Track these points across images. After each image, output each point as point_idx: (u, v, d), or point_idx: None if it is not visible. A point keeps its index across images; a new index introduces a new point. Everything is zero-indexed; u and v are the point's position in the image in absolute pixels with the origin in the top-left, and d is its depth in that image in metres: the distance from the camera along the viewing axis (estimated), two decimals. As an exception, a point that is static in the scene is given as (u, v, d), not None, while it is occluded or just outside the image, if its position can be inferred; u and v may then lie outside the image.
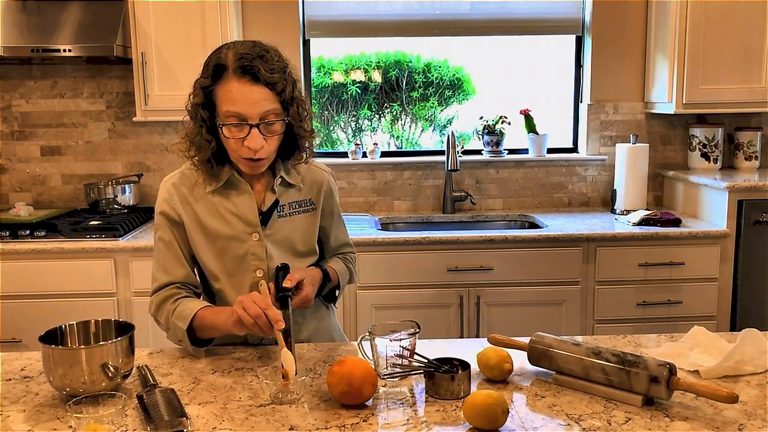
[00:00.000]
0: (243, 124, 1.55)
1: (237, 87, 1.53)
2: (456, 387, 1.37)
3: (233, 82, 1.54)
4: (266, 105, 1.55)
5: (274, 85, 1.55)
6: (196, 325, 1.61)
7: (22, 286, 2.93)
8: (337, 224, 1.86)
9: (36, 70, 3.51)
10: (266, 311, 1.45)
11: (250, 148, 1.56)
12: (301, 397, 1.39)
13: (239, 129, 1.56)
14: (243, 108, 1.53)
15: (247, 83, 1.53)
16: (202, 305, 1.64)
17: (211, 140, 1.61)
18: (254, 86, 1.53)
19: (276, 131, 1.59)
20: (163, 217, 1.69)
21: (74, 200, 3.60)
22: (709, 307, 3.12)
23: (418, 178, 3.67)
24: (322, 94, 3.83)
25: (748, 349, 1.48)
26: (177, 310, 1.63)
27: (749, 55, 3.26)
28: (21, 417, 1.33)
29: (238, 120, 1.55)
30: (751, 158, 3.56)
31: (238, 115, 1.54)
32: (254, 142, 1.55)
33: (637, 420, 1.27)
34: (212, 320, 1.59)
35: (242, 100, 1.53)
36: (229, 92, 1.54)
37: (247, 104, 1.53)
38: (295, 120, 1.62)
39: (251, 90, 1.53)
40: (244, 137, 1.55)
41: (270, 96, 1.55)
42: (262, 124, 1.55)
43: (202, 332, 1.62)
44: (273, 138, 1.59)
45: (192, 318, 1.60)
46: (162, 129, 3.57)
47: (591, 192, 3.72)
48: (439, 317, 3.07)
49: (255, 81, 1.53)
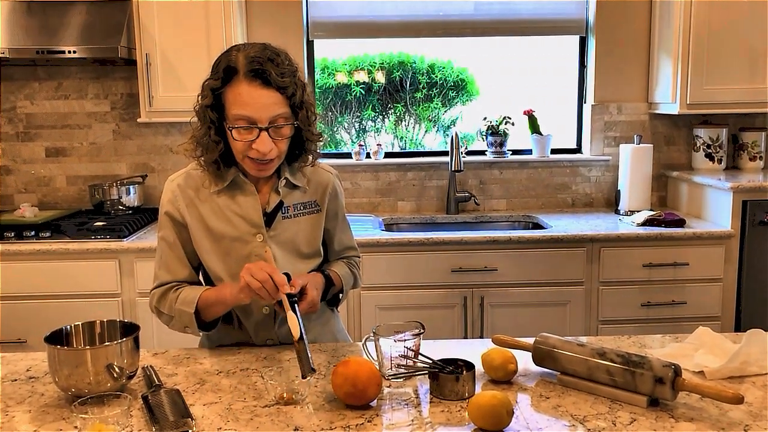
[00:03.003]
0: (252, 127, 1.54)
1: (248, 90, 1.53)
2: (460, 388, 1.37)
3: (244, 86, 1.53)
4: (276, 109, 1.55)
5: (285, 89, 1.55)
6: (201, 307, 1.64)
7: (27, 287, 2.94)
8: (341, 227, 1.85)
9: (41, 71, 3.52)
10: (272, 275, 1.48)
11: (258, 150, 1.56)
12: (306, 397, 1.39)
13: (248, 132, 1.55)
14: (253, 111, 1.53)
15: (258, 87, 1.53)
16: (205, 288, 1.68)
17: (219, 142, 1.60)
18: (265, 90, 1.53)
19: (285, 135, 1.59)
20: (167, 217, 1.70)
21: (79, 201, 3.61)
22: (713, 308, 3.11)
23: (421, 179, 3.67)
24: (325, 95, 3.83)
25: (754, 349, 1.48)
26: (180, 296, 1.66)
27: (753, 56, 3.25)
28: (26, 417, 1.34)
29: (247, 123, 1.54)
30: (756, 158, 3.55)
31: (248, 119, 1.54)
32: (263, 146, 1.55)
33: (642, 421, 1.27)
34: (217, 296, 1.62)
35: (252, 104, 1.53)
36: (239, 95, 1.54)
37: (258, 108, 1.53)
38: (304, 124, 1.62)
39: (262, 94, 1.53)
40: (253, 140, 1.55)
41: (280, 100, 1.55)
42: (272, 127, 1.55)
43: (208, 312, 1.64)
44: (281, 141, 1.59)
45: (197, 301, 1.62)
46: (166, 130, 3.57)
47: (595, 192, 3.71)
48: (444, 318, 3.07)
49: (266, 85, 1.53)
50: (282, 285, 1.49)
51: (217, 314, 1.66)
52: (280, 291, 1.49)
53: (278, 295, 1.49)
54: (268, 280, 1.48)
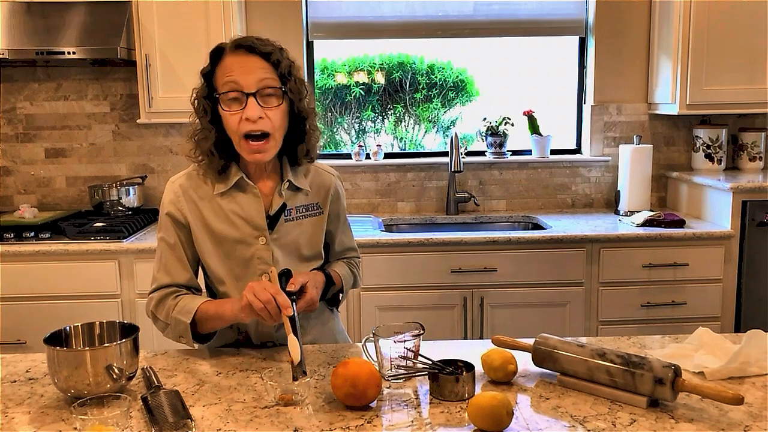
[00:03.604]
0: (240, 95, 1.56)
1: (233, 59, 1.58)
2: (460, 388, 1.37)
3: (229, 57, 1.59)
4: (262, 73, 1.57)
5: (269, 55, 1.58)
6: (198, 318, 1.61)
7: (26, 288, 2.94)
8: (342, 228, 1.85)
9: (40, 72, 3.52)
10: (276, 296, 1.46)
11: (248, 119, 1.55)
12: (306, 398, 1.39)
13: (237, 103, 1.57)
14: (239, 75, 1.56)
15: (243, 54, 1.58)
16: (205, 299, 1.65)
17: (212, 129, 1.62)
18: (250, 56, 1.58)
19: (274, 104, 1.59)
20: (169, 218, 1.69)
21: (78, 202, 3.61)
22: (713, 308, 3.11)
23: (421, 180, 3.67)
24: (325, 96, 3.83)
25: (754, 350, 1.48)
26: (179, 305, 1.63)
27: (753, 56, 3.25)
28: (26, 419, 1.33)
29: (234, 89, 1.56)
30: (755, 159, 3.55)
31: (234, 83, 1.56)
32: (252, 112, 1.55)
33: (642, 422, 1.27)
34: (217, 310, 1.60)
35: (237, 69, 1.56)
36: (225, 66, 1.59)
37: (243, 71, 1.56)
38: (295, 95, 1.62)
39: (247, 59, 1.57)
40: (242, 109, 1.56)
41: (265, 65, 1.58)
42: (260, 94, 1.56)
43: (205, 325, 1.62)
44: (272, 111, 1.58)
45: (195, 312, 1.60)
46: (166, 131, 3.57)
47: (595, 193, 3.71)
48: (443, 319, 3.07)
49: (250, 52, 1.58)
50: (285, 307, 1.46)
51: (214, 328, 1.64)
52: (283, 314, 1.46)
53: (280, 317, 1.47)
54: (271, 301, 1.46)
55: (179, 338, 1.65)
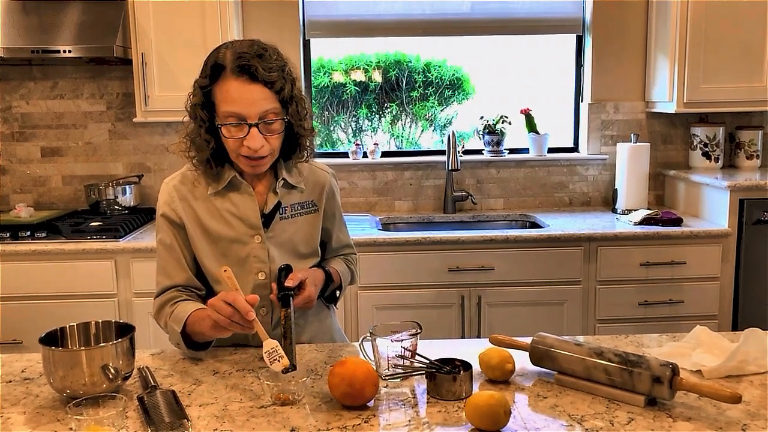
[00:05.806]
0: (242, 123, 1.54)
1: (235, 86, 1.53)
2: (458, 388, 1.37)
3: (231, 82, 1.53)
4: (265, 104, 1.54)
5: (272, 83, 1.54)
6: (189, 330, 1.58)
7: (22, 288, 2.93)
8: (338, 225, 1.85)
9: (36, 71, 3.50)
10: (234, 304, 1.41)
11: (250, 147, 1.55)
12: (303, 398, 1.38)
13: (238, 129, 1.55)
14: (241, 108, 1.53)
15: (245, 82, 1.52)
16: (197, 307, 1.60)
17: (210, 141, 1.60)
18: (252, 85, 1.53)
19: (276, 130, 1.58)
20: (165, 219, 1.69)
21: (75, 201, 3.60)
22: (710, 307, 3.11)
23: (418, 178, 3.67)
24: (322, 94, 3.82)
25: (752, 348, 1.48)
26: (174, 313, 1.62)
27: (750, 54, 3.25)
28: (21, 419, 1.33)
29: (237, 120, 1.54)
30: (753, 157, 3.55)
31: (236, 115, 1.54)
32: (254, 142, 1.54)
33: (639, 420, 1.27)
34: (200, 327, 1.55)
35: (240, 100, 1.53)
36: (227, 92, 1.54)
37: (246, 104, 1.53)
38: (295, 119, 1.61)
39: (249, 89, 1.53)
40: (244, 137, 1.55)
41: (269, 95, 1.54)
42: (262, 123, 1.55)
43: (195, 337, 1.60)
44: (273, 137, 1.58)
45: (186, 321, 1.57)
46: (162, 130, 3.56)
47: (592, 191, 3.71)
48: (441, 317, 3.07)
49: (253, 80, 1.52)
50: (246, 312, 1.41)
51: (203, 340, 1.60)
52: (248, 316, 1.41)
53: (252, 323, 1.42)
54: (234, 314, 1.42)
55: (177, 345, 1.63)
